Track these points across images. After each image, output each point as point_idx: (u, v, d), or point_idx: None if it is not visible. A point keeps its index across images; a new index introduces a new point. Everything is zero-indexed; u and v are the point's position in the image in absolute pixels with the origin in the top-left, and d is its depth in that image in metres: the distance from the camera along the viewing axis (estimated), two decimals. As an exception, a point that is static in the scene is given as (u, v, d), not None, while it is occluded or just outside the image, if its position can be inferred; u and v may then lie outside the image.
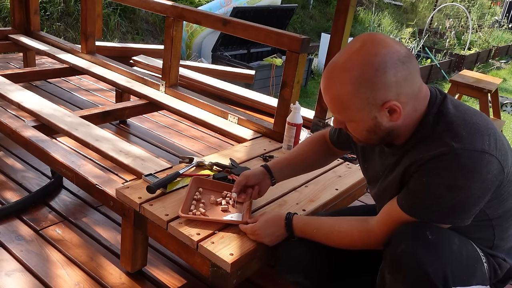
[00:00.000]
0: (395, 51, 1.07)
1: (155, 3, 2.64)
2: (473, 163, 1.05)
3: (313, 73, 7.44)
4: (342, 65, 1.10)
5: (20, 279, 1.63)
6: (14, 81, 2.62)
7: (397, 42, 1.10)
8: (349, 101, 1.09)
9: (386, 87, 1.06)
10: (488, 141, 1.07)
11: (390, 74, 1.05)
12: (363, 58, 1.07)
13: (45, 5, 5.90)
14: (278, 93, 2.24)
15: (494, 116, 4.58)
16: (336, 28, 2.73)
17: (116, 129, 2.99)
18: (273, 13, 6.43)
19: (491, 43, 11.41)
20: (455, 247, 1.12)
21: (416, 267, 1.07)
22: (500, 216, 1.19)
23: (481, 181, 1.06)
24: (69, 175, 1.82)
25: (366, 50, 1.07)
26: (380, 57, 1.05)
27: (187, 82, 3.60)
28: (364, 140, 1.19)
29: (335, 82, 1.11)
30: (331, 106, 1.16)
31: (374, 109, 1.09)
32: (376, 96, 1.07)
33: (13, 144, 2.26)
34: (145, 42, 6.76)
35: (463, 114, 1.12)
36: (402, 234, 1.13)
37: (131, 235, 1.61)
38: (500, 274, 1.25)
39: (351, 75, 1.07)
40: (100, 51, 3.35)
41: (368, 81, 1.06)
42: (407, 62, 1.07)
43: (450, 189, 1.07)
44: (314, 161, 1.61)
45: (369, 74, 1.06)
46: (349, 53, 1.10)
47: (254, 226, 1.38)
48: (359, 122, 1.14)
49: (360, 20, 10.72)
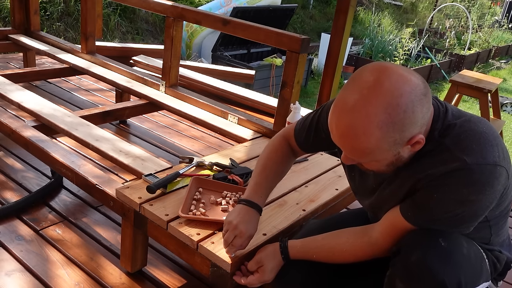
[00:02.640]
0: (416, 86, 0.99)
1: (155, 3, 2.64)
2: (487, 178, 1.03)
3: (313, 73, 7.44)
4: (363, 112, 0.98)
5: (20, 279, 1.63)
6: (14, 81, 2.62)
7: (412, 72, 1.02)
8: (375, 147, 1.02)
9: (413, 125, 1.00)
10: (497, 152, 1.05)
11: (418, 112, 0.99)
12: (387, 100, 0.97)
13: (45, 5, 5.90)
14: (278, 93, 2.24)
15: (494, 116, 4.58)
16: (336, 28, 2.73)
17: (116, 129, 2.99)
18: (273, 13, 6.43)
19: (491, 43, 11.41)
20: (465, 250, 1.11)
21: (432, 276, 1.06)
22: (497, 216, 1.19)
23: (492, 192, 1.05)
24: (69, 175, 1.82)
25: (387, 90, 0.98)
26: (406, 97, 0.97)
27: (187, 82, 3.60)
28: (379, 171, 1.14)
29: (358, 133, 1.00)
30: (350, 152, 1.07)
31: (399, 147, 1.04)
32: (403, 136, 1.01)
33: (13, 144, 2.26)
34: (145, 42, 6.76)
35: (468, 123, 1.09)
36: (414, 242, 1.10)
37: (131, 235, 1.61)
38: (500, 267, 1.25)
39: (377, 121, 0.98)
40: (100, 51, 3.35)
41: (396, 124, 0.98)
42: (427, 93, 1.01)
43: (462, 203, 1.05)
44: (284, 171, 1.49)
45: (398, 117, 0.97)
46: (366, 94, 0.99)
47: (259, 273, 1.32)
48: (381, 161, 1.08)
49: (360, 20, 10.73)
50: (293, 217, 1.56)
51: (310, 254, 1.30)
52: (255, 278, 1.32)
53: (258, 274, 1.32)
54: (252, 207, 1.35)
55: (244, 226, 1.30)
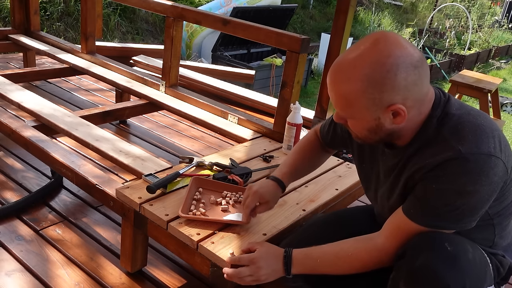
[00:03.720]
0: (409, 54, 1.04)
1: (155, 3, 2.64)
2: (481, 167, 1.04)
3: (313, 73, 7.44)
4: (352, 61, 1.07)
5: (20, 279, 1.63)
6: (14, 81, 2.62)
7: (411, 45, 1.07)
8: (355, 99, 1.07)
9: (394, 90, 1.04)
10: (493, 143, 1.06)
11: (400, 78, 1.03)
12: (375, 57, 1.04)
13: (45, 5, 5.90)
14: (278, 93, 2.24)
15: (494, 116, 4.59)
16: (336, 28, 2.72)
17: (116, 129, 2.99)
18: (273, 13, 6.43)
19: (491, 43, 11.41)
20: (470, 255, 1.10)
21: (437, 281, 1.05)
22: (500, 214, 1.18)
23: (488, 184, 1.05)
24: (69, 175, 1.82)
25: (379, 49, 1.04)
26: (393, 58, 1.03)
27: (187, 82, 3.60)
28: (363, 138, 1.18)
29: (343, 78, 1.08)
30: (336, 101, 1.13)
31: (378, 110, 1.07)
32: (383, 98, 1.05)
33: (13, 144, 2.26)
34: (145, 42, 6.76)
35: (467, 116, 1.10)
36: (419, 245, 1.10)
37: (131, 235, 1.61)
38: (503, 272, 1.25)
39: (361, 73, 1.05)
40: (100, 51, 3.35)
41: (377, 81, 1.04)
42: (419, 67, 1.05)
43: (460, 194, 1.06)
44: (315, 162, 1.59)
45: (380, 74, 1.03)
46: (361, 50, 1.07)
47: (252, 255, 1.26)
48: (362, 121, 1.12)
49: (360, 20, 10.72)
50: (293, 217, 1.56)
51: (314, 258, 1.25)
52: (246, 256, 1.26)
53: (253, 257, 1.26)
54: (275, 181, 1.44)
55: (265, 191, 1.40)
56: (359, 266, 1.22)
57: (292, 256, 1.26)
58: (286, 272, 1.26)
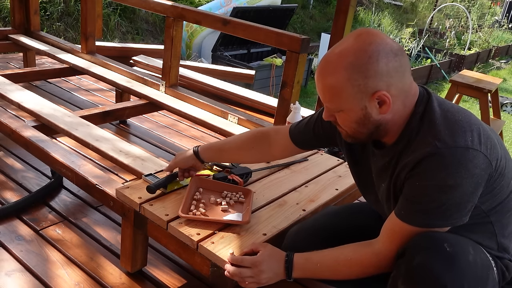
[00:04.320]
0: (388, 43, 1.10)
1: (155, 3, 2.64)
2: (458, 160, 1.05)
3: (313, 73, 7.43)
4: (337, 54, 1.13)
5: (20, 279, 1.63)
6: (14, 81, 2.62)
7: (391, 39, 1.14)
8: (341, 87, 1.11)
9: (377, 75, 1.08)
10: (471, 137, 1.07)
11: (382, 63, 1.08)
12: (358, 46, 1.10)
13: (45, 5, 5.90)
14: (278, 93, 2.24)
15: (494, 116, 4.58)
16: (336, 28, 2.73)
17: (116, 129, 2.99)
18: (273, 13, 6.43)
19: (491, 43, 11.41)
20: (471, 257, 1.10)
21: (434, 281, 1.05)
22: (496, 211, 1.18)
23: (470, 176, 1.06)
24: (69, 175, 1.82)
25: (361, 39, 1.11)
26: (374, 45, 1.09)
27: (187, 82, 3.60)
28: (353, 133, 1.20)
29: (328, 69, 1.13)
30: (323, 93, 1.17)
31: (364, 97, 1.10)
32: (367, 84, 1.09)
33: (13, 144, 2.26)
34: (145, 42, 6.76)
35: (445, 112, 1.13)
36: (419, 245, 1.10)
37: (131, 235, 1.61)
38: (508, 276, 1.23)
39: (345, 61, 1.10)
40: (100, 51, 3.35)
41: (360, 67, 1.08)
42: (399, 55, 1.10)
43: (442, 189, 1.06)
44: (246, 159, 1.68)
45: (362, 60, 1.08)
46: (344, 44, 1.13)
47: (255, 258, 1.26)
48: (349, 112, 1.14)
49: (360, 20, 10.72)
50: (293, 217, 1.56)
51: (314, 263, 1.26)
52: (249, 259, 1.26)
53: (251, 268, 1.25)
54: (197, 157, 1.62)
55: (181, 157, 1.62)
56: (359, 271, 1.22)
57: (293, 260, 1.26)
58: (287, 276, 1.26)
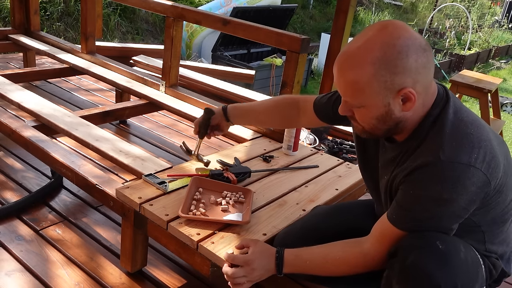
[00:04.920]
0: (417, 38, 1.05)
1: (155, 3, 2.64)
2: (458, 176, 1.04)
3: (313, 73, 7.44)
4: (361, 47, 1.06)
5: (20, 279, 1.63)
6: (14, 81, 2.62)
7: (417, 33, 1.08)
8: (366, 83, 1.06)
9: (405, 72, 1.04)
10: (476, 154, 1.05)
11: (412, 59, 1.03)
12: (385, 39, 1.04)
13: (45, 5, 5.90)
14: (278, 93, 2.24)
15: (494, 116, 4.58)
16: (336, 28, 2.73)
17: (116, 129, 2.99)
18: (273, 13, 6.43)
19: (491, 43, 11.41)
20: (462, 255, 1.10)
21: (427, 279, 1.05)
22: (489, 223, 1.18)
23: (466, 193, 1.05)
24: (69, 175, 1.82)
25: (388, 32, 1.05)
26: (403, 40, 1.03)
27: (187, 82, 3.60)
28: (370, 130, 1.16)
29: (354, 63, 1.07)
30: (345, 88, 1.11)
31: (389, 94, 1.06)
32: (394, 80, 1.04)
33: (13, 144, 2.26)
34: (145, 42, 6.76)
35: (459, 122, 1.10)
36: (411, 244, 1.10)
37: (131, 235, 1.61)
38: (495, 274, 1.24)
39: (372, 56, 1.04)
40: (100, 51, 3.35)
41: (389, 63, 1.03)
42: (427, 51, 1.06)
43: (436, 202, 1.06)
44: (273, 123, 1.70)
45: (392, 56, 1.03)
46: (368, 35, 1.06)
47: (247, 257, 1.26)
48: (371, 108, 1.10)
49: (360, 20, 10.72)
50: (293, 217, 1.56)
51: (303, 260, 1.27)
52: (241, 257, 1.27)
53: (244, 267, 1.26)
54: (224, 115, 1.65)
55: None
56: (347, 270, 1.23)
57: (283, 256, 1.27)
58: (278, 271, 1.28)
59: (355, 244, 1.24)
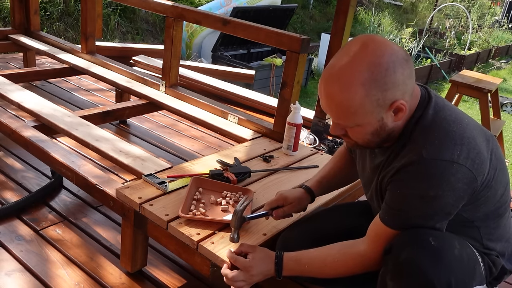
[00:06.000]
0: (398, 50, 1.07)
1: (155, 3, 2.64)
2: (441, 173, 1.05)
3: (313, 73, 7.44)
4: (347, 69, 1.06)
5: (20, 279, 1.63)
6: (14, 81, 2.62)
7: (394, 43, 1.10)
8: (359, 105, 1.06)
9: (395, 87, 1.05)
10: (459, 151, 1.06)
11: (399, 73, 1.05)
12: (370, 59, 1.04)
13: (45, 5, 5.90)
14: (278, 93, 2.24)
15: (494, 116, 4.58)
16: (336, 28, 2.73)
17: (116, 129, 2.99)
18: (273, 13, 6.43)
19: (491, 43, 11.41)
20: (456, 251, 1.11)
21: (420, 276, 1.05)
22: (481, 219, 1.19)
23: (452, 189, 1.06)
24: (69, 175, 1.82)
25: (370, 51, 1.05)
26: (388, 57, 1.04)
27: (187, 82, 3.60)
28: (364, 144, 1.18)
29: (343, 86, 1.06)
30: (337, 112, 1.11)
31: (382, 110, 1.08)
32: (386, 97, 1.06)
33: (13, 144, 2.26)
34: (145, 42, 6.76)
35: (441, 120, 1.12)
36: (404, 241, 1.11)
37: (131, 235, 1.61)
38: (495, 272, 1.25)
39: (360, 77, 1.04)
40: (100, 51, 3.35)
41: (378, 81, 1.04)
42: (408, 60, 1.08)
43: (423, 199, 1.07)
44: (346, 172, 1.54)
45: (380, 74, 1.04)
46: (351, 55, 1.06)
47: (247, 263, 1.26)
48: (365, 126, 1.11)
49: (360, 20, 10.72)
50: (293, 217, 1.56)
51: (302, 264, 1.27)
52: (242, 262, 1.27)
53: (243, 272, 1.26)
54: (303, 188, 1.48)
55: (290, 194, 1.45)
56: (345, 271, 1.24)
57: (283, 261, 1.28)
58: (277, 275, 1.28)
59: (352, 245, 1.25)
